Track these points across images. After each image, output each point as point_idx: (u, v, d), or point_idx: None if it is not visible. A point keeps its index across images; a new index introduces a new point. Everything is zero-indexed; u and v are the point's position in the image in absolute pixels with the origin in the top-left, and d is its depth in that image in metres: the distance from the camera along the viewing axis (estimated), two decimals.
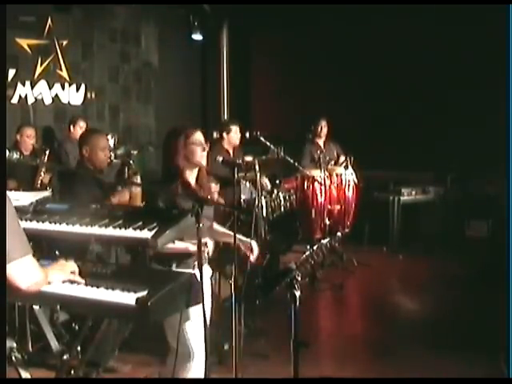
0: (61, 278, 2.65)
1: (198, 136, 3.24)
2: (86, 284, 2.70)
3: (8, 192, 2.28)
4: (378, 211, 7.84)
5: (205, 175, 3.33)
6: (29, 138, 6.55)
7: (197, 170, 3.28)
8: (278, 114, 9.48)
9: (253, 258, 3.29)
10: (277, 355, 4.18)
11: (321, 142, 7.58)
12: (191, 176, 3.26)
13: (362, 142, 7.67)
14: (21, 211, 3.14)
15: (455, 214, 7.77)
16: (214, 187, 4.64)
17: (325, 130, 7.56)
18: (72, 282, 2.69)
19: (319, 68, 8.96)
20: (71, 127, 7.10)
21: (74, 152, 6.84)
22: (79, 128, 7.04)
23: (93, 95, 8.65)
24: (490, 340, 3.88)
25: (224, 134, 6.22)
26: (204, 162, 3.26)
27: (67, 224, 2.96)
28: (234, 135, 6.21)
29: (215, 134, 6.86)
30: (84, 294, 2.64)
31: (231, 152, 6.21)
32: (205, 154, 3.24)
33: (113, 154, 5.22)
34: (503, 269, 4.27)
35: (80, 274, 2.72)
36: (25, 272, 2.26)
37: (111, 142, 6.93)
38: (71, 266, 2.73)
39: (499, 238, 5.80)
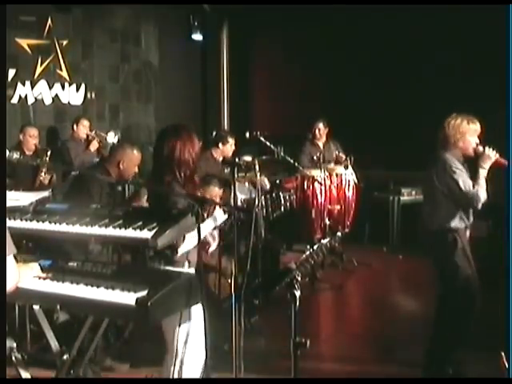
0: (29, 276, 2.76)
1: (198, 149, 3.24)
2: (86, 284, 2.70)
3: (8, 192, 2.28)
4: (377, 211, 7.83)
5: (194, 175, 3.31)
6: (32, 138, 6.56)
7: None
8: (278, 114, 9.48)
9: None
10: (277, 355, 4.18)
11: (320, 142, 7.59)
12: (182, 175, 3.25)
13: (363, 141, 7.66)
14: (21, 211, 3.14)
15: None
16: (218, 191, 4.65)
17: (322, 132, 7.56)
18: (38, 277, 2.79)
19: (319, 68, 8.96)
20: (74, 126, 7.12)
21: (77, 150, 6.89)
22: (82, 127, 7.07)
23: (93, 95, 8.65)
24: (490, 340, 3.88)
25: (220, 145, 6.21)
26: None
27: (67, 224, 2.96)
28: (229, 147, 6.21)
29: (213, 134, 6.86)
30: (84, 294, 2.65)
31: (219, 161, 6.17)
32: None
33: None
34: (503, 269, 4.27)
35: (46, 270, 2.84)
36: (8, 272, 2.20)
37: (115, 140, 6.95)
38: (33, 264, 2.83)
39: (499, 237, 5.80)
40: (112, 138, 6.99)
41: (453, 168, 3.90)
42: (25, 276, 2.67)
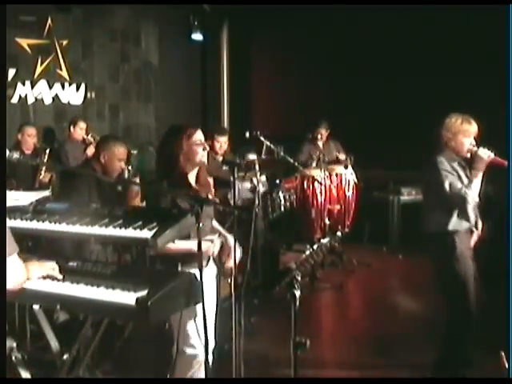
0: (39, 274, 2.70)
1: (199, 135, 3.24)
2: (86, 284, 2.70)
3: (8, 192, 2.28)
4: (377, 211, 7.83)
5: (205, 174, 3.34)
6: (30, 137, 6.57)
7: (197, 169, 3.29)
8: (278, 114, 9.48)
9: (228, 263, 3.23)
10: (277, 355, 4.18)
11: (320, 142, 7.59)
12: (191, 175, 3.27)
13: (362, 141, 7.66)
14: (21, 211, 3.14)
15: None
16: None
17: (324, 135, 7.55)
18: (52, 278, 2.73)
19: (319, 67, 8.96)
20: (71, 128, 7.12)
21: (75, 153, 6.88)
22: (79, 129, 7.07)
23: (93, 95, 8.65)
24: (490, 340, 3.88)
25: (209, 143, 6.12)
26: (205, 161, 3.26)
27: (67, 224, 2.95)
28: (216, 144, 6.09)
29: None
30: (84, 294, 2.64)
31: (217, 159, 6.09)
32: (205, 153, 3.25)
33: None
34: (503, 269, 4.26)
35: (60, 271, 2.76)
36: (11, 271, 2.22)
37: None
38: (51, 264, 2.78)
39: (499, 238, 5.79)
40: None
41: (441, 169, 3.86)
42: (34, 273, 2.65)
